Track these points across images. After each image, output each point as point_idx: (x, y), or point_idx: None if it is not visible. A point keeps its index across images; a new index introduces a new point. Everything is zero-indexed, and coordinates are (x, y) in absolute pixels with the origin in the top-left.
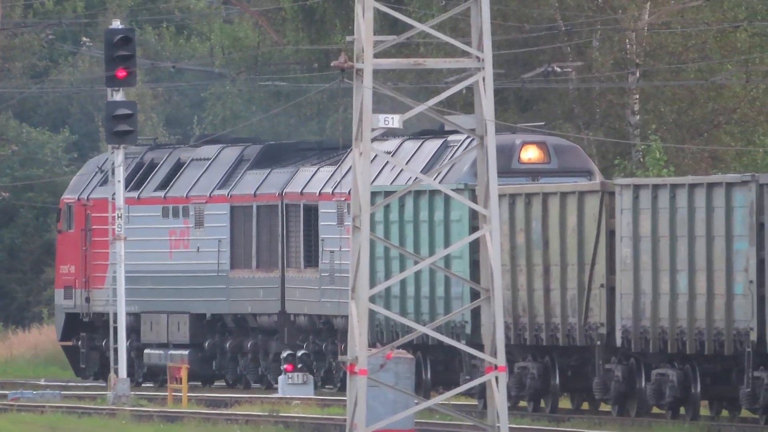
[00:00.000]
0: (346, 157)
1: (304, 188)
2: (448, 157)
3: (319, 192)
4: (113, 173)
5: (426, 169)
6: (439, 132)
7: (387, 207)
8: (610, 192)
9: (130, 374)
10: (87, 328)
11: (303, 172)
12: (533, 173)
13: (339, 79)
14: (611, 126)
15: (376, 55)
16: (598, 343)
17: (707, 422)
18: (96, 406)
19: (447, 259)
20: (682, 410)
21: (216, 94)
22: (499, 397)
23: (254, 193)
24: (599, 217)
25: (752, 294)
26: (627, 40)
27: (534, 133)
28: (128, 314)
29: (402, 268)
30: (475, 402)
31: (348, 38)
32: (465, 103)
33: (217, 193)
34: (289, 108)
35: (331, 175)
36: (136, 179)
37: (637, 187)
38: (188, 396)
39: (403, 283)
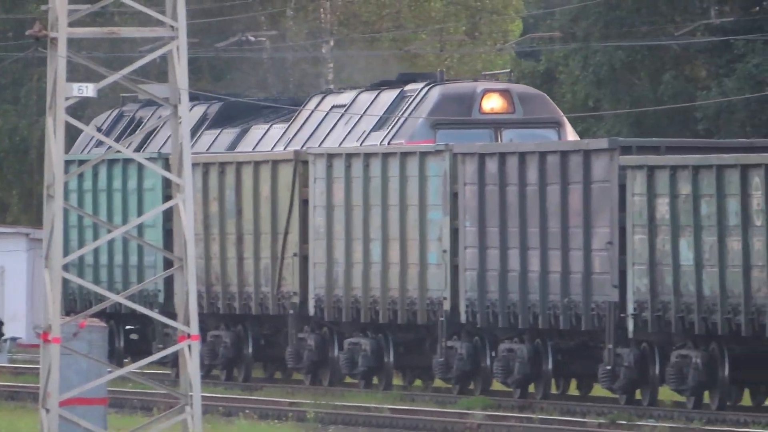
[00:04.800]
0: (298, 113)
1: (255, 147)
2: (404, 108)
3: (272, 150)
4: None
5: (382, 121)
6: (396, 82)
7: (81, 175)
8: (304, 161)
9: None
10: None
11: (255, 130)
12: (496, 124)
13: (33, 48)
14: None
15: (71, 24)
16: (291, 312)
17: (400, 392)
18: None
19: (140, 228)
20: (375, 380)
21: None
22: (191, 366)
23: (206, 152)
24: (293, 186)
25: (446, 263)
26: (321, 9)
27: (497, 80)
28: None
29: (96, 237)
30: (168, 371)
31: (43, 7)
32: (159, 72)
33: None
34: None
35: (284, 132)
36: None
37: (330, 156)
38: None
39: (96, 251)
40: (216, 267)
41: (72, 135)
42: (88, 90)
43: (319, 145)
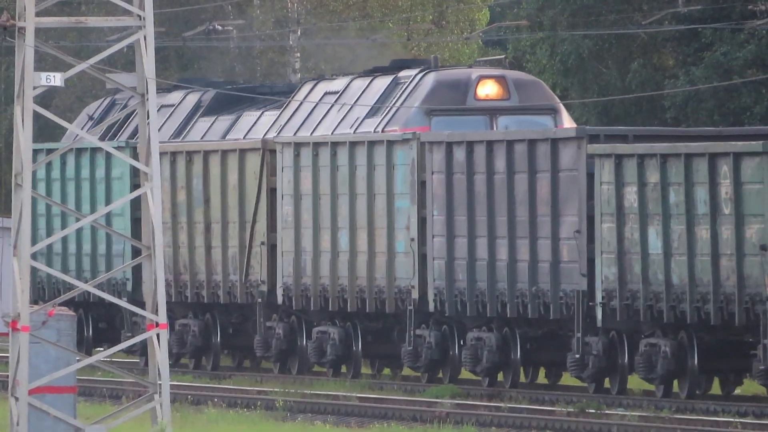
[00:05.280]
0: (290, 100)
1: (246, 134)
2: (398, 94)
3: (263, 138)
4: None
5: (376, 108)
6: (390, 68)
7: (49, 164)
8: (272, 150)
9: None
10: None
11: (247, 117)
12: (491, 111)
13: (1, 38)
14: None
15: (39, 14)
16: (259, 300)
17: (368, 380)
18: None
19: (109, 217)
20: (343, 368)
21: None
22: (160, 354)
23: (201, 140)
24: (260, 174)
25: (413, 252)
26: None
27: (492, 66)
28: None
29: (64, 226)
30: (137, 359)
31: None
32: (126, 61)
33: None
34: None
35: (276, 119)
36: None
37: (298, 145)
38: None
39: (65, 240)
40: (184, 256)
41: (40, 124)
42: (56, 79)
43: (311, 133)
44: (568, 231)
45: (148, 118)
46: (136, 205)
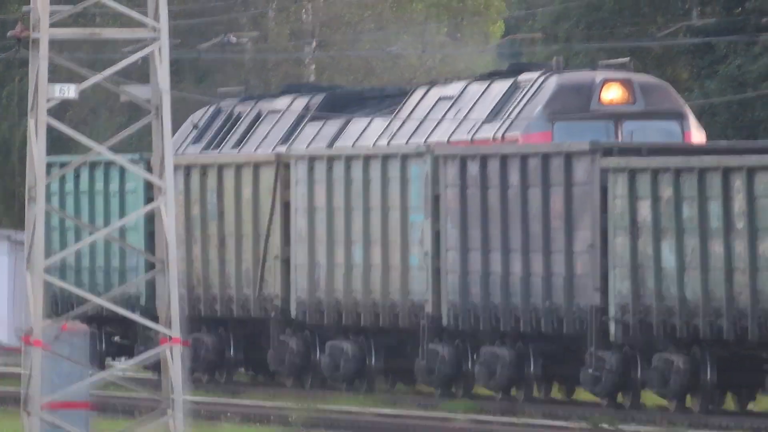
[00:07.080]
0: (402, 105)
1: (356, 141)
2: (518, 98)
3: (373, 145)
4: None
5: (494, 113)
6: (509, 72)
7: (62, 177)
8: (286, 164)
9: None
10: None
11: (355, 124)
12: (616, 116)
13: (15, 49)
14: None
15: (53, 25)
16: (273, 314)
17: (383, 395)
18: None
19: (122, 231)
20: (357, 383)
21: None
22: (174, 369)
23: (307, 146)
24: (274, 188)
25: (428, 266)
26: (303, 11)
27: (617, 69)
28: None
29: (78, 240)
30: (151, 374)
31: (24, 8)
32: (141, 73)
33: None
34: None
35: (387, 126)
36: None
37: (312, 159)
38: None
39: (78, 254)
40: (198, 269)
41: (54, 136)
42: (70, 91)
43: (425, 140)
44: (582, 245)
45: (162, 130)
46: (151, 218)
